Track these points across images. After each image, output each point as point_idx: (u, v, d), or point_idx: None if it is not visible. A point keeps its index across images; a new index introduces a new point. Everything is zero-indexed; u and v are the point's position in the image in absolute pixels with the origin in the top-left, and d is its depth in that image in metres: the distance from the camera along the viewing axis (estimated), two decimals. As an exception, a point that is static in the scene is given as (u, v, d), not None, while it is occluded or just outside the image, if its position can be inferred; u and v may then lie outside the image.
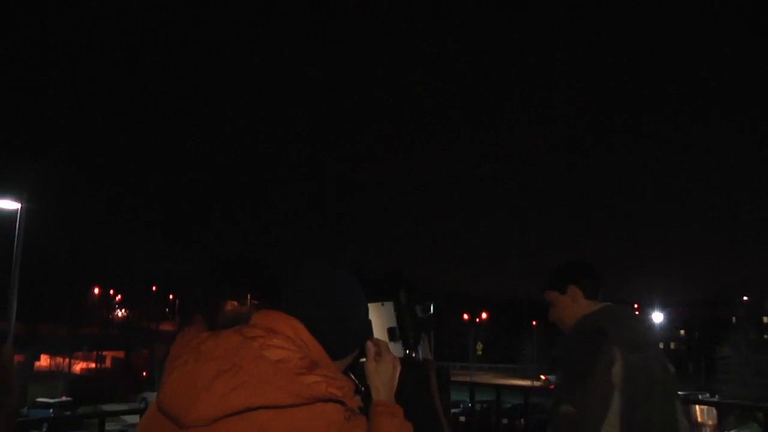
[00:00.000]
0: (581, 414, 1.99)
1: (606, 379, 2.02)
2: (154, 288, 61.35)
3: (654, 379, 2.14)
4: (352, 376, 1.48)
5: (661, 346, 63.11)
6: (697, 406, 13.03)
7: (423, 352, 1.69)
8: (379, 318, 1.68)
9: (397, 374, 1.55)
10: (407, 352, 1.64)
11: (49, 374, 41.36)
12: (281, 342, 1.29)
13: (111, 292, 62.29)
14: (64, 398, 32.91)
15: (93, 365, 49.94)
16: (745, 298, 53.41)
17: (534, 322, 58.42)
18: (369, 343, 1.51)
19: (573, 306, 2.30)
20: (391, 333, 1.68)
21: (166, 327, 54.39)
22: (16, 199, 16.52)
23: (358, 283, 1.48)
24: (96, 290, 59.42)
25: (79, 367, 47.68)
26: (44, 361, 44.87)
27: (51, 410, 27.16)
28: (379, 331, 1.68)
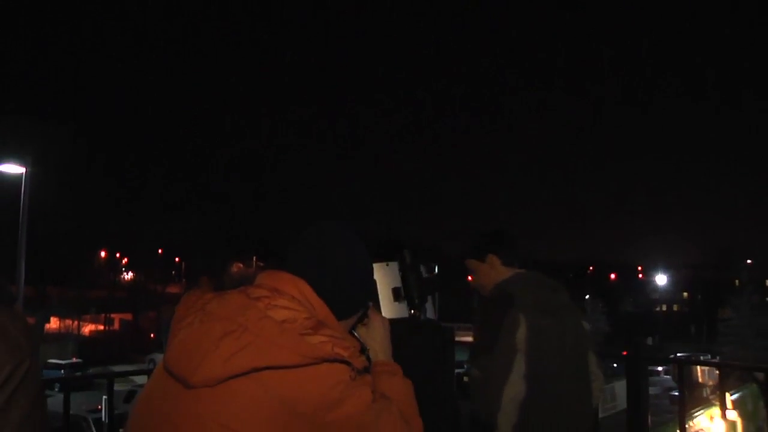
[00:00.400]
0: (487, 377, 2.08)
1: (510, 343, 2.11)
2: (160, 251, 61.68)
3: (565, 338, 2.25)
4: (357, 336, 1.49)
5: (664, 308, 63.74)
6: (698, 367, 13.22)
7: (428, 312, 1.69)
8: (384, 278, 1.68)
9: (389, 333, 1.55)
10: (412, 312, 1.63)
11: (59, 336, 41.98)
12: (286, 302, 1.29)
13: (117, 255, 62.66)
14: (74, 360, 33.43)
15: (101, 327, 50.56)
16: (749, 261, 53.39)
17: (537, 283, 58.54)
18: None
19: (491, 273, 2.41)
20: (396, 293, 1.68)
21: (173, 289, 54.77)
22: (21, 163, 16.53)
23: (362, 243, 1.47)
24: (102, 254, 59.82)
25: (88, 329, 48.33)
26: (54, 323, 45.49)
27: (62, 371, 27.61)
28: (384, 292, 1.68)
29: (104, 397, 4.02)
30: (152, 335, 46.14)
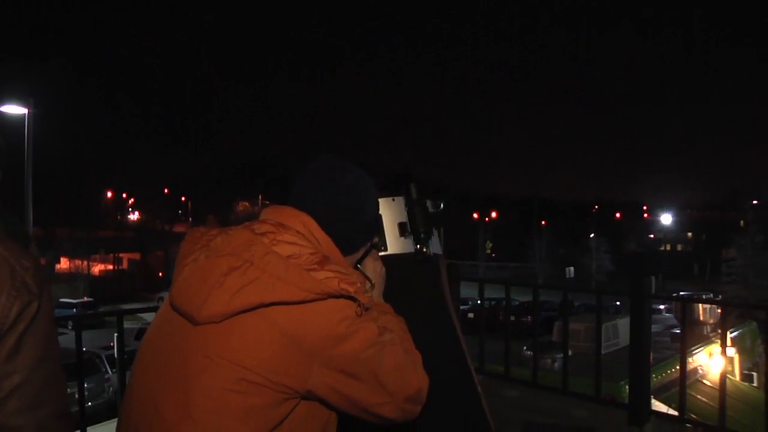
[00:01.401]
0: None
1: None
2: (166, 190, 61.91)
3: None
4: (363, 271, 1.48)
5: (668, 247, 64.11)
6: (700, 306, 13.37)
7: (434, 247, 1.67)
8: (390, 213, 1.66)
9: (383, 271, 1.54)
10: (418, 247, 1.62)
11: (70, 276, 42.62)
12: (291, 237, 1.28)
13: (124, 195, 62.95)
14: (85, 299, 34.06)
15: (111, 267, 51.28)
16: (755, 201, 53.20)
17: (543, 222, 58.86)
18: None
19: None
20: (402, 228, 1.66)
21: (180, 228, 55.25)
22: (23, 104, 16.42)
23: (368, 177, 1.45)
24: (109, 194, 60.08)
25: (97, 269, 49.03)
26: (64, 263, 46.12)
27: (74, 309, 28.18)
28: (389, 226, 1.66)
29: (116, 334, 4.08)
30: (160, 273, 46.85)
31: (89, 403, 11.04)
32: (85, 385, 4.97)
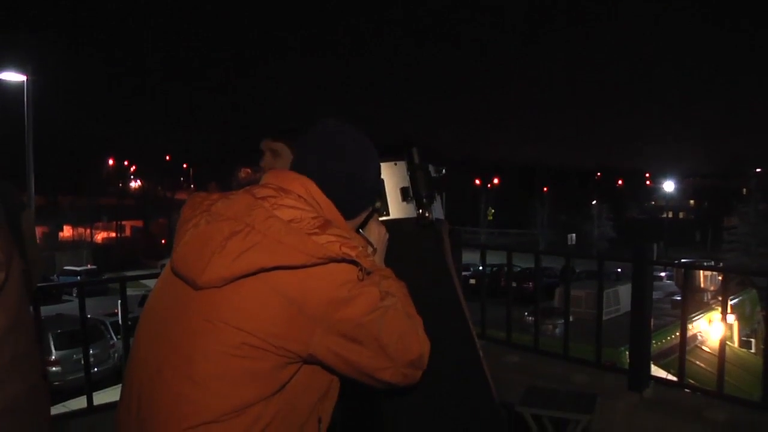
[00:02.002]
0: None
1: None
2: (167, 157, 61.77)
3: None
4: (366, 236, 1.47)
5: (670, 215, 64.10)
6: (701, 273, 13.39)
7: (436, 212, 1.66)
8: (392, 178, 1.64)
9: (385, 236, 1.53)
10: (420, 212, 1.61)
11: (74, 244, 42.88)
12: (293, 201, 1.27)
13: (125, 163, 62.84)
14: (89, 266, 34.28)
15: (113, 234, 51.48)
16: (758, 169, 52.99)
17: (545, 189, 58.76)
18: None
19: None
20: (404, 192, 1.64)
21: (182, 196, 55.26)
22: (21, 71, 16.30)
23: (370, 141, 1.43)
24: (111, 162, 59.97)
25: (100, 236, 49.26)
26: (67, 231, 46.31)
27: (78, 277, 28.40)
28: (391, 191, 1.64)
29: (119, 301, 4.11)
30: (163, 241, 47.05)
31: (95, 369, 11.20)
32: (90, 352, 5.01)
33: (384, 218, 1.61)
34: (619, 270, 21.60)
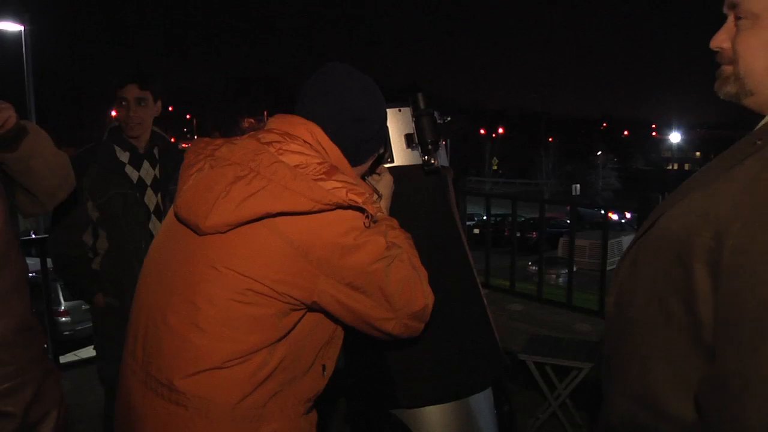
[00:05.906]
0: None
1: None
2: (170, 108, 61.31)
3: None
4: (371, 183, 1.46)
5: (675, 166, 63.73)
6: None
7: (441, 159, 1.64)
8: (397, 124, 1.62)
9: (391, 183, 1.51)
10: (425, 158, 1.58)
11: (77, 194, 42.91)
12: (298, 147, 1.25)
13: (128, 113, 62.36)
14: (94, 216, 34.44)
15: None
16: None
17: (550, 138, 58.27)
18: None
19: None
20: (408, 139, 1.62)
21: (185, 146, 55.07)
22: (19, 20, 16.01)
23: (376, 85, 1.39)
24: (113, 113, 59.56)
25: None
26: (71, 186, 46.38)
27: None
28: (396, 138, 1.62)
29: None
30: (169, 190, 47.17)
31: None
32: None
33: (388, 165, 1.59)
34: (623, 221, 21.61)
